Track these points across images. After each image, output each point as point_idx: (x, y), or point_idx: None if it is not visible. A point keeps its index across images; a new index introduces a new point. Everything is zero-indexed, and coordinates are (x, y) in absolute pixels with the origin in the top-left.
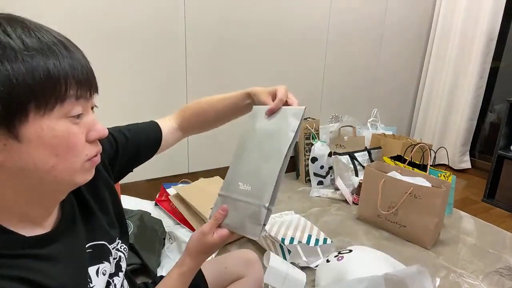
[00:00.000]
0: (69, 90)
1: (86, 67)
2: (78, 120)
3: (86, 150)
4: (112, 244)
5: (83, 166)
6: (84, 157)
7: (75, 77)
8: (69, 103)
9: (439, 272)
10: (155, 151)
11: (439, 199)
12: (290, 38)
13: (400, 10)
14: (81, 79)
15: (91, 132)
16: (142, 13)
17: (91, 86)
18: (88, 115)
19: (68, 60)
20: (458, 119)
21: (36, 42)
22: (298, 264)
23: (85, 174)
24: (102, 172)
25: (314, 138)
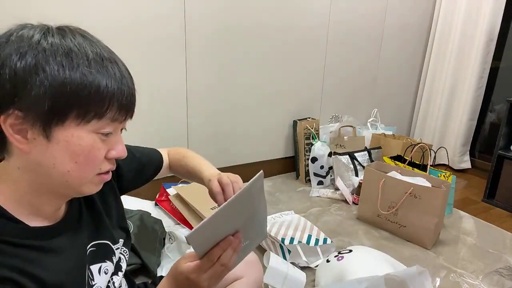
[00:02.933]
0: (109, 110)
1: (131, 93)
2: (105, 138)
3: (101, 165)
4: (115, 245)
5: (93, 179)
6: (98, 170)
7: (119, 101)
8: (104, 121)
9: (439, 272)
10: (155, 174)
11: (439, 199)
12: (290, 38)
13: (400, 10)
14: (123, 104)
15: (112, 151)
16: (142, 13)
17: (129, 112)
18: (116, 135)
19: (118, 83)
20: (458, 119)
21: (95, 55)
22: (298, 264)
23: (92, 187)
24: (111, 182)
25: (314, 138)
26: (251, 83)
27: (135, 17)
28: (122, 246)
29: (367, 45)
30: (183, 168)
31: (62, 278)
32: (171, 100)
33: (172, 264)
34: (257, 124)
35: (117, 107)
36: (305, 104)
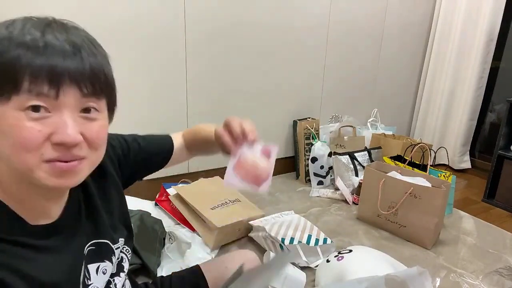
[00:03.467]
0: (23, 82)
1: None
2: (37, 115)
3: (43, 150)
4: (115, 244)
5: (41, 167)
6: (39, 156)
7: (34, 71)
8: (25, 95)
9: (439, 272)
10: (164, 163)
11: (439, 199)
12: (290, 38)
13: (400, 10)
14: (38, 74)
15: (55, 134)
16: (142, 13)
17: (59, 84)
18: (59, 115)
19: (41, 56)
20: (458, 119)
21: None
22: (298, 264)
23: (47, 177)
24: (113, 176)
25: (314, 138)
26: (251, 83)
27: (134, 18)
28: (123, 245)
29: (367, 45)
30: (197, 140)
31: (56, 278)
32: (171, 101)
33: (172, 264)
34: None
35: (30, 77)
36: (305, 104)
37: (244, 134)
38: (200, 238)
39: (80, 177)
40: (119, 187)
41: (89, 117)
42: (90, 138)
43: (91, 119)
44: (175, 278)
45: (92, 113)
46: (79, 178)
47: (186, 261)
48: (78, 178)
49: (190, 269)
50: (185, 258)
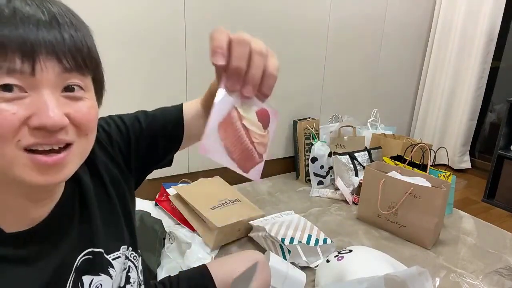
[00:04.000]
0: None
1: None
2: (11, 96)
3: (20, 136)
4: (111, 254)
5: (20, 159)
6: (16, 144)
7: (0, 43)
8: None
9: (439, 272)
10: (176, 140)
11: (439, 199)
12: (290, 38)
13: (400, 10)
14: (7, 46)
15: (34, 116)
16: (142, 13)
17: (34, 57)
18: (38, 95)
19: (8, 25)
20: (458, 119)
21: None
22: (298, 264)
23: (31, 172)
24: (111, 170)
25: (314, 138)
26: None
27: (134, 19)
28: (131, 251)
29: (367, 45)
30: (208, 96)
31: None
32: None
33: (172, 264)
34: None
35: (7, 52)
36: (305, 104)
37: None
38: (200, 238)
39: (69, 170)
40: (119, 181)
41: (74, 96)
42: (78, 120)
43: (77, 98)
44: (182, 278)
45: (77, 92)
46: (68, 172)
47: (186, 261)
48: (66, 172)
49: (198, 269)
50: (185, 258)
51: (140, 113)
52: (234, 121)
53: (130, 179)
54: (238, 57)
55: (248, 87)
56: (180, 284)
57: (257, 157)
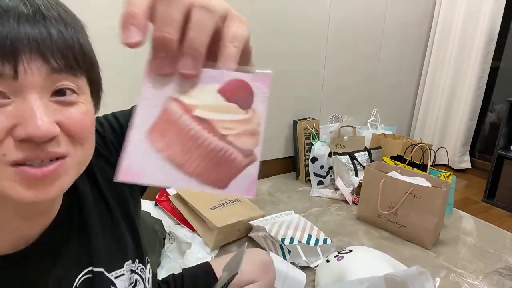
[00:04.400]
0: None
1: (13, 33)
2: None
3: (4, 149)
4: (113, 272)
5: (6, 174)
6: (1, 157)
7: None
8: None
9: (439, 272)
10: None
11: (439, 199)
12: (290, 38)
13: (400, 10)
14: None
15: (19, 126)
16: None
17: (16, 56)
18: (23, 101)
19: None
20: (458, 119)
21: None
22: (298, 264)
23: (19, 188)
24: (110, 177)
25: (314, 138)
26: None
27: None
28: (135, 264)
29: (367, 45)
30: None
31: None
32: None
33: (172, 264)
34: None
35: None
36: (305, 104)
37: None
38: (200, 238)
39: (63, 183)
40: (123, 191)
41: (65, 101)
42: (71, 128)
43: (69, 103)
44: (187, 276)
45: (69, 96)
46: (61, 186)
47: (186, 261)
48: (60, 186)
49: (201, 266)
50: (185, 258)
51: None
52: (175, 119)
53: (132, 184)
54: (161, 20)
55: (186, 60)
56: (184, 282)
57: (239, 157)
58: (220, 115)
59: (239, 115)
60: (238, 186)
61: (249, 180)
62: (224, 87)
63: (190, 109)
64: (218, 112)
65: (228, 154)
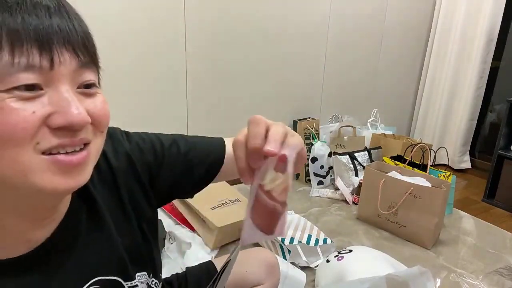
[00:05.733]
0: (3, 51)
1: (47, 25)
2: (29, 95)
3: (38, 138)
4: (129, 282)
5: (38, 164)
6: (33, 147)
7: (14, 34)
8: (5, 71)
9: (439, 272)
10: (211, 174)
11: (439, 199)
12: (290, 39)
13: (400, 10)
14: (22, 37)
15: (56, 114)
16: (142, 13)
17: (51, 49)
18: (56, 91)
19: (20, 12)
20: (458, 119)
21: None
22: (298, 264)
23: (54, 177)
24: (133, 187)
25: (314, 138)
26: (250, 83)
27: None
28: (150, 278)
29: (367, 45)
30: None
31: None
32: (171, 101)
33: (172, 264)
34: None
35: (22, 44)
36: (305, 104)
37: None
38: (200, 238)
39: (89, 172)
40: (142, 203)
41: (88, 92)
42: (95, 117)
43: (91, 94)
44: (190, 276)
45: (91, 88)
46: (88, 174)
47: (186, 261)
48: (87, 173)
49: (204, 265)
50: (185, 258)
51: (179, 137)
52: (260, 200)
53: (153, 200)
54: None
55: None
56: (188, 281)
57: (279, 208)
58: (273, 184)
59: (280, 178)
60: (279, 229)
61: (283, 223)
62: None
63: (262, 187)
64: (272, 182)
65: (275, 209)
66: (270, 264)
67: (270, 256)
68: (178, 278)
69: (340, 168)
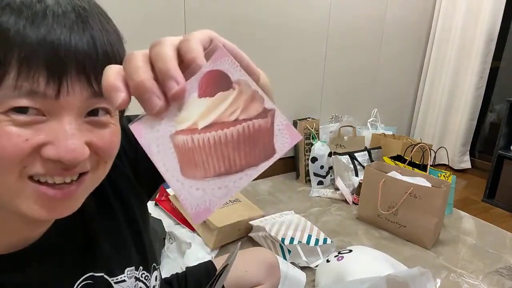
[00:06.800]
0: (7, 71)
1: (63, 45)
2: (25, 119)
3: (26, 162)
4: (114, 277)
5: (23, 189)
6: (21, 168)
7: (26, 53)
8: (7, 92)
9: (439, 272)
10: None
11: (439, 199)
12: (290, 38)
13: (400, 10)
14: (33, 58)
15: (49, 145)
16: (142, 13)
17: (61, 76)
18: (58, 121)
19: (37, 27)
20: (458, 119)
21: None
22: (298, 264)
23: (34, 207)
24: (116, 182)
25: (314, 138)
26: None
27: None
28: (139, 271)
29: (367, 45)
30: None
31: None
32: None
33: (172, 264)
34: None
35: (31, 66)
36: (305, 104)
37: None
38: (200, 238)
39: (77, 204)
40: (129, 197)
41: (98, 122)
42: (100, 149)
43: (101, 124)
44: (190, 276)
45: (102, 116)
46: (75, 206)
47: (186, 261)
48: (74, 206)
49: (204, 265)
50: (185, 258)
51: None
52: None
53: (140, 190)
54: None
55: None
56: (188, 281)
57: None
58: (217, 110)
59: (229, 96)
60: (282, 142)
61: (285, 129)
62: (199, 91)
63: (193, 128)
64: (214, 110)
65: (252, 128)
66: (270, 264)
67: (270, 256)
68: (178, 278)
69: (340, 168)
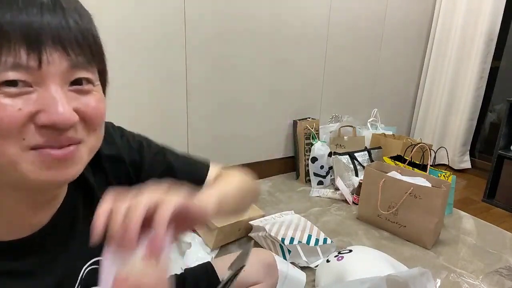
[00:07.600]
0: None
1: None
2: (15, 91)
3: (24, 134)
4: None
5: (26, 157)
6: (20, 141)
7: (4, 31)
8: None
9: (439, 272)
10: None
11: (439, 199)
12: (290, 38)
13: (400, 10)
14: (11, 35)
15: (41, 113)
16: (141, 13)
17: (40, 48)
18: (45, 90)
19: (11, 9)
20: (458, 119)
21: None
22: (298, 264)
23: (39, 170)
24: (119, 173)
25: (314, 138)
26: (251, 83)
27: (134, 18)
28: None
29: (367, 45)
30: None
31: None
32: (171, 101)
33: (172, 264)
34: (257, 124)
35: (11, 42)
36: (305, 104)
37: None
38: (200, 238)
39: (78, 168)
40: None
41: (82, 90)
42: (87, 115)
43: (85, 92)
44: (188, 277)
45: (85, 85)
46: (77, 170)
47: (186, 261)
48: (76, 170)
49: (203, 266)
50: (185, 258)
51: (167, 148)
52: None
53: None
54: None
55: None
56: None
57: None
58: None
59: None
60: None
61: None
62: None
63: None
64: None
65: None
66: (268, 264)
67: (269, 256)
68: (176, 279)
69: (340, 168)
